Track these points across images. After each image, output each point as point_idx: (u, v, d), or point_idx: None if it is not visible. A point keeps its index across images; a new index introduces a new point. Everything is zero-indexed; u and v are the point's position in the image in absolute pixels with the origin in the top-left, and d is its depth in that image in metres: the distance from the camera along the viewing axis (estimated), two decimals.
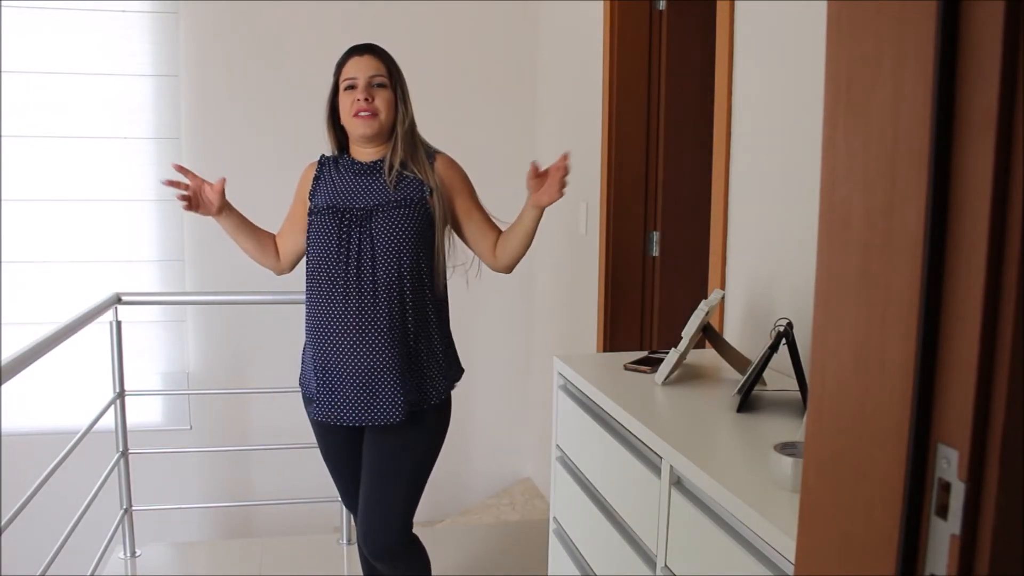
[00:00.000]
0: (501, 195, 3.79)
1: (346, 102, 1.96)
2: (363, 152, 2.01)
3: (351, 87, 1.96)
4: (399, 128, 1.98)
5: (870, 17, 0.60)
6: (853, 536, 0.63)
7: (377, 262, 1.91)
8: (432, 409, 1.99)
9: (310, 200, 2.01)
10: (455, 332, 2.13)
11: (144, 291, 3.56)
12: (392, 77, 1.99)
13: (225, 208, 2.05)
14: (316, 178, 2.04)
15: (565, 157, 1.89)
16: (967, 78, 0.53)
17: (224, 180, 2.04)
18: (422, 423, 1.98)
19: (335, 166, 2.03)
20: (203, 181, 2.05)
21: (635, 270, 2.83)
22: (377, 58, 1.98)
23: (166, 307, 3.69)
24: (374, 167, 1.99)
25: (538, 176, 1.92)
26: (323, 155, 2.08)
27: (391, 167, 1.96)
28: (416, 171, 1.98)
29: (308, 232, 1.99)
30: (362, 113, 1.94)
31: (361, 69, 1.96)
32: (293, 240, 2.12)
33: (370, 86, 1.95)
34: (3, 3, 3.39)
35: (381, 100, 1.95)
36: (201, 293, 3.66)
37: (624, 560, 1.50)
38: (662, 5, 2.71)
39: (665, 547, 1.36)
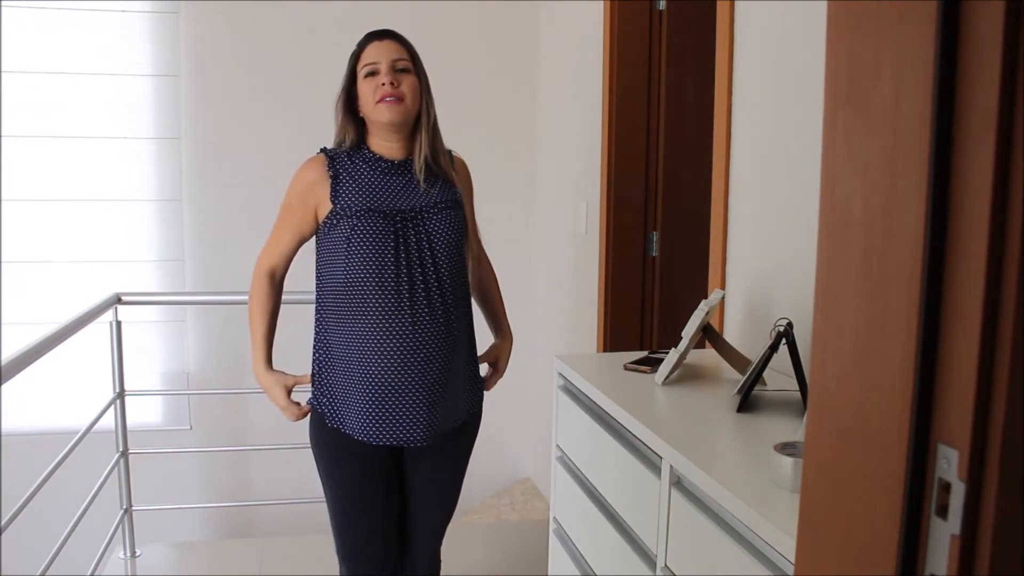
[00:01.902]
0: (500, 195, 3.80)
1: (368, 89, 1.80)
2: (386, 147, 1.84)
3: (373, 73, 1.80)
4: (424, 120, 1.84)
5: (870, 17, 0.60)
6: (853, 536, 0.63)
7: (439, 267, 1.80)
8: (480, 411, 2.01)
9: (333, 202, 1.78)
10: None
11: (144, 291, 3.56)
12: (415, 63, 1.85)
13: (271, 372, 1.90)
14: (334, 177, 1.80)
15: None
16: (967, 78, 0.53)
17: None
18: (474, 426, 2.00)
19: (351, 162, 1.82)
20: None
21: (635, 270, 2.83)
22: (398, 43, 1.85)
23: (166, 307, 3.69)
24: (405, 166, 1.84)
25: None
26: (325, 149, 1.86)
27: (423, 165, 1.83)
28: (445, 170, 1.88)
29: (347, 238, 1.76)
30: (388, 98, 1.77)
31: (383, 53, 1.81)
32: (294, 249, 1.90)
33: (394, 70, 1.80)
34: (3, 3, 3.38)
35: (407, 85, 1.80)
36: (201, 293, 3.66)
37: (624, 560, 1.50)
38: (662, 5, 2.71)
39: (665, 547, 1.36)
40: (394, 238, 1.76)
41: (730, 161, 2.04)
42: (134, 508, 2.93)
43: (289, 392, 1.88)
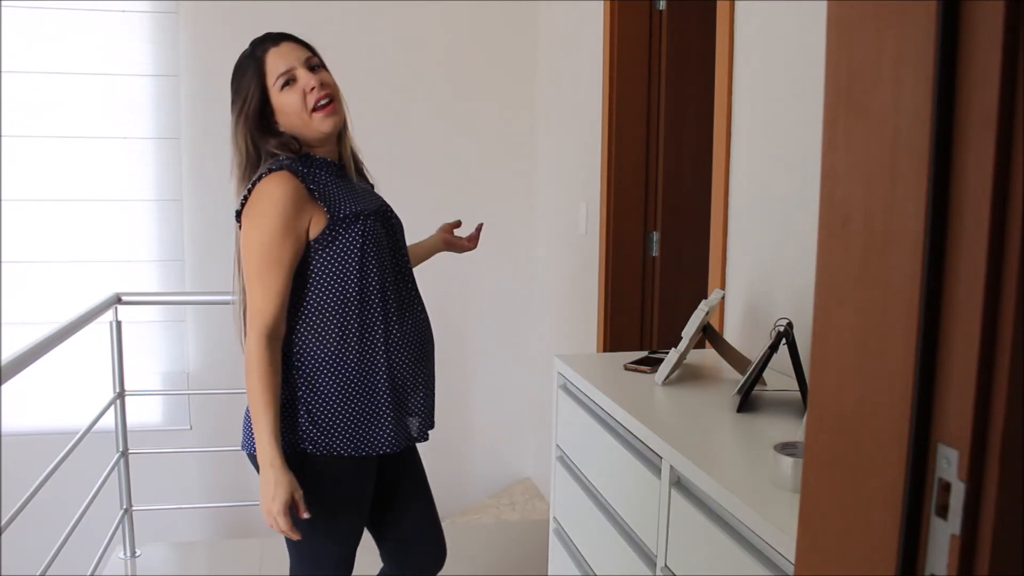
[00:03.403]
0: (500, 195, 3.80)
1: (292, 100, 1.61)
2: (328, 151, 1.70)
3: (289, 81, 1.62)
4: (348, 118, 1.71)
5: (870, 17, 0.60)
6: (853, 536, 0.63)
7: (408, 263, 1.80)
8: None
9: (329, 212, 1.61)
10: (455, 331, 2.14)
11: (144, 291, 3.56)
12: (321, 58, 1.69)
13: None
14: (315, 189, 1.62)
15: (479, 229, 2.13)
16: (967, 78, 0.53)
17: None
18: None
19: (311, 171, 1.64)
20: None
21: (635, 270, 2.83)
22: (296, 41, 1.67)
23: (166, 307, 3.69)
24: (342, 167, 1.72)
25: (454, 232, 2.10)
26: (283, 161, 1.61)
27: (357, 165, 1.78)
28: (361, 167, 1.82)
29: (361, 245, 1.63)
30: (322, 103, 1.61)
31: (291, 57, 1.63)
32: (288, 299, 1.63)
33: (311, 70, 1.63)
34: (3, 3, 3.38)
35: (330, 81, 1.65)
36: (201, 293, 3.66)
37: (624, 560, 1.50)
38: (662, 5, 2.71)
39: (665, 547, 1.36)
40: (392, 241, 1.74)
41: (730, 161, 2.04)
42: (134, 508, 2.93)
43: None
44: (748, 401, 1.51)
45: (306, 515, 1.60)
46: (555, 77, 3.51)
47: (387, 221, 1.75)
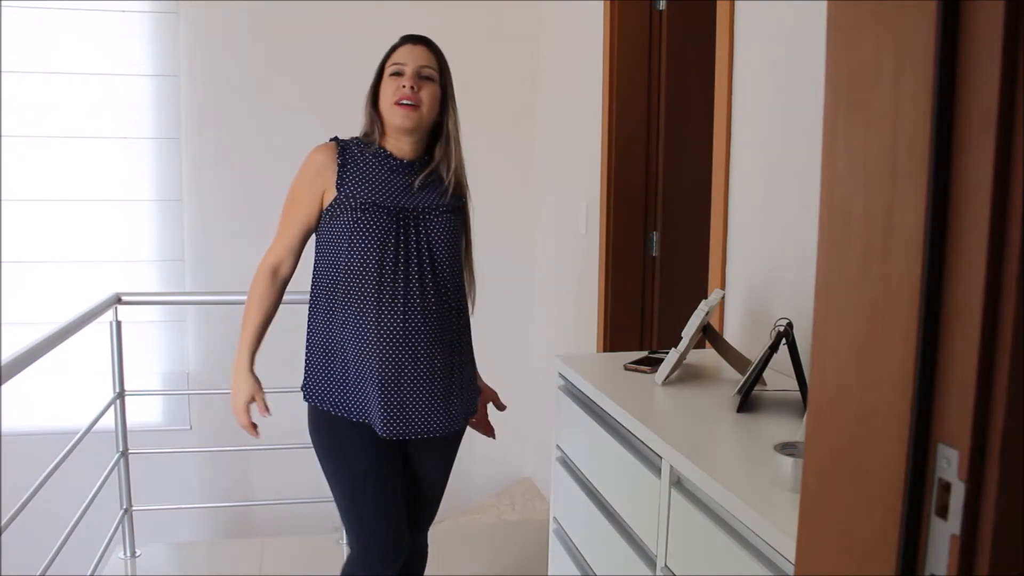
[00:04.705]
0: (501, 195, 3.80)
1: (389, 88, 1.84)
2: (397, 146, 1.88)
3: (397, 73, 1.84)
4: (451, 129, 1.90)
5: (870, 17, 0.60)
6: (853, 536, 0.63)
7: (436, 268, 1.83)
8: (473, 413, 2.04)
9: (338, 189, 1.82)
10: None
11: (144, 291, 3.56)
12: (442, 74, 1.89)
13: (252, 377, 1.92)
14: (342, 165, 1.84)
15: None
16: (967, 78, 0.53)
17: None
18: (463, 430, 2.03)
19: (361, 154, 1.86)
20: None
21: (635, 270, 2.83)
22: (429, 50, 1.89)
23: (166, 307, 3.69)
24: (413, 166, 1.88)
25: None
26: (338, 138, 1.89)
27: (448, 170, 1.89)
28: (454, 179, 1.91)
29: (349, 231, 1.80)
30: (404, 102, 1.81)
31: (411, 57, 1.85)
32: (300, 242, 1.91)
33: (418, 76, 1.84)
34: (3, 3, 3.38)
35: (427, 93, 1.84)
36: (201, 293, 3.66)
37: (624, 560, 1.50)
38: (662, 5, 2.71)
39: (665, 547, 1.36)
40: (395, 235, 1.80)
41: (730, 161, 2.04)
42: (134, 508, 2.93)
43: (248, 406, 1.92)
44: (748, 401, 1.51)
45: (267, 413, 1.91)
46: (555, 77, 3.51)
47: (410, 222, 1.82)
